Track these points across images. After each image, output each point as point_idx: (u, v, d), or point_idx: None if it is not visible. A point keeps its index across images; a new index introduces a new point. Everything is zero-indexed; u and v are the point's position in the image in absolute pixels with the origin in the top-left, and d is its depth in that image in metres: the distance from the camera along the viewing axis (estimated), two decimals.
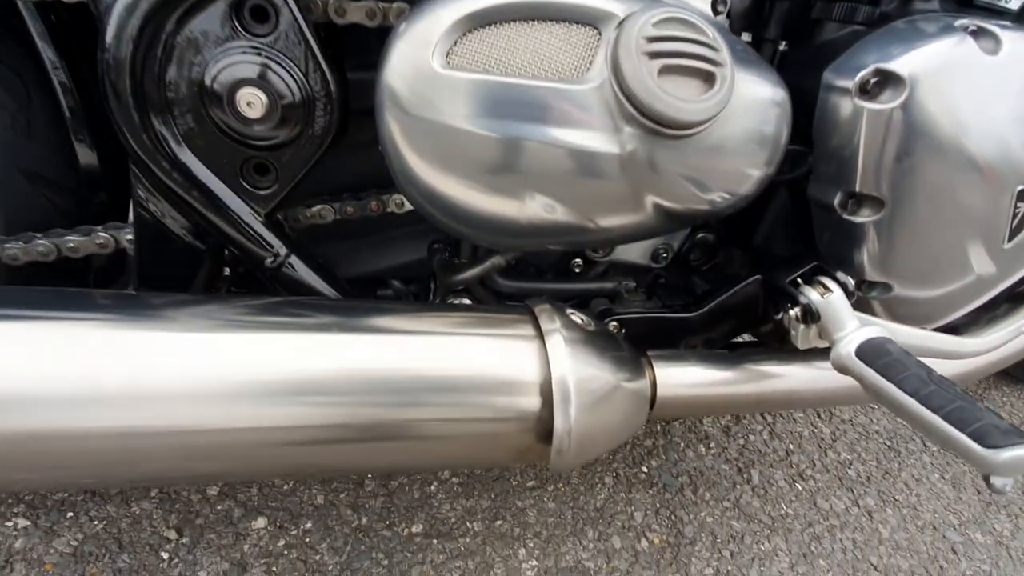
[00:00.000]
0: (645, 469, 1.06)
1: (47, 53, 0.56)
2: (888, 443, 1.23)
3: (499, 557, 0.89)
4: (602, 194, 0.52)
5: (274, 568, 0.83)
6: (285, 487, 0.95)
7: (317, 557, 0.85)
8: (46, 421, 0.41)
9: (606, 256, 0.71)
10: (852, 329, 0.59)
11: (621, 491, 1.02)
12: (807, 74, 0.63)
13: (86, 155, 0.61)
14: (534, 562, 0.89)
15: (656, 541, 0.95)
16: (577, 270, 0.73)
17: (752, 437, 1.17)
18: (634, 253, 0.73)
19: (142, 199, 0.52)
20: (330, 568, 0.84)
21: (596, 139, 0.49)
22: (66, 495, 0.88)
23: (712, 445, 1.14)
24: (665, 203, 0.55)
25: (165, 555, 0.83)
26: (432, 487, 0.98)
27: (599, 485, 1.02)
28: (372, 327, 0.47)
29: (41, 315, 0.42)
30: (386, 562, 0.86)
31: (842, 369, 0.59)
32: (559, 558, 0.90)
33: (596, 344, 0.50)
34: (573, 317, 0.51)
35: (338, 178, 0.62)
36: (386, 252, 0.71)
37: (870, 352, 0.57)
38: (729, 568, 0.94)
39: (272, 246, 0.54)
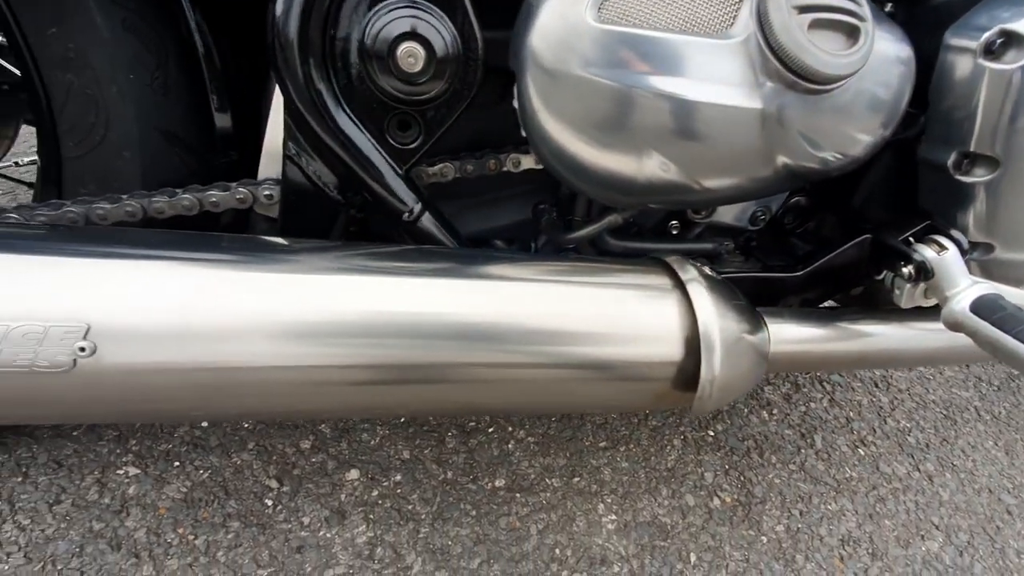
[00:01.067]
0: (712, 433, 1.10)
1: (191, 13, 0.58)
2: (944, 412, 1.25)
3: (580, 511, 0.93)
4: (734, 151, 0.54)
5: (371, 516, 0.88)
6: (372, 442, 0.99)
7: (409, 507, 0.90)
8: (226, 356, 0.44)
9: (706, 217, 0.73)
10: (966, 286, 0.60)
11: (690, 453, 1.05)
12: (922, 35, 0.64)
13: (221, 114, 0.63)
14: (613, 516, 0.93)
15: (728, 500, 0.98)
16: (674, 231, 0.75)
17: (813, 404, 1.20)
18: (733, 215, 0.74)
19: (293, 153, 0.54)
20: (423, 517, 0.88)
21: (737, 94, 0.51)
22: (170, 446, 0.93)
23: (775, 411, 1.17)
24: (791, 161, 0.57)
25: (269, 502, 0.88)
26: (510, 445, 1.01)
27: (668, 447, 1.05)
28: (519, 276, 0.49)
29: (217, 258, 0.45)
30: (474, 513, 0.90)
31: (954, 325, 0.61)
32: (636, 513, 0.94)
33: (728, 295, 0.52)
34: (705, 269, 0.53)
35: (460, 136, 0.64)
36: (490, 213, 0.73)
37: (985, 307, 0.59)
38: (799, 526, 0.97)
39: (409, 201, 0.57)
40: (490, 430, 1.04)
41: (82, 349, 0.37)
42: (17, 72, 0.73)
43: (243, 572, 0.79)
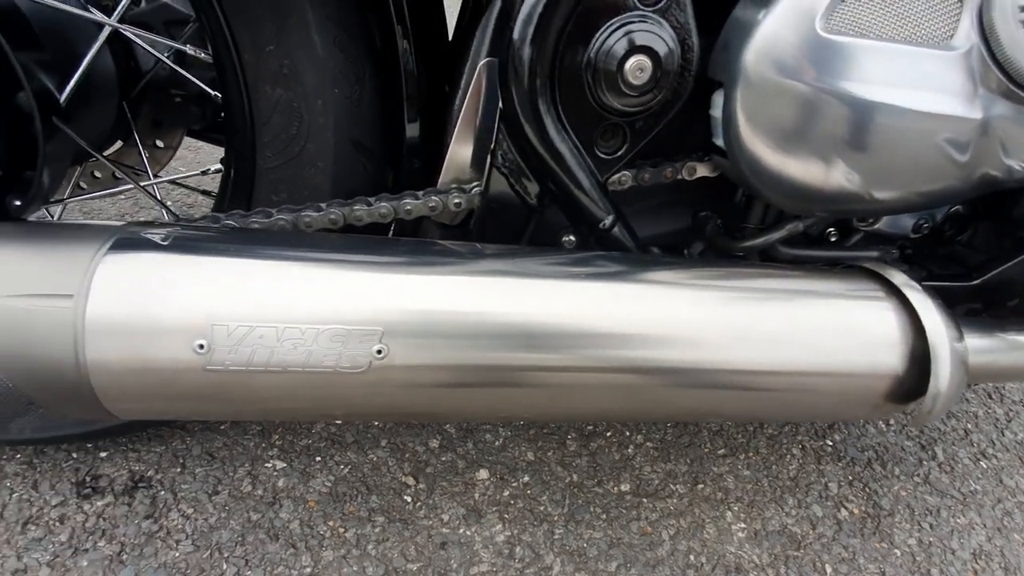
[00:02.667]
0: (830, 442, 1.08)
1: (398, 28, 0.61)
2: None
3: (708, 518, 0.93)
4: (945, 160, 0.54)
5: (505, 515, 0.90)
6: (497, 443, 1.01)
7: (541, 508, 0.91)
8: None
9: (871, 225, 0.72)
10: None
11: (811, 462, 1.04)
12: None
13: (410, 125, 0.66)
14: (742, 524, 0.92)
15: (855, 511, 0.97)
16: (833, 239, 0.75)
17: None
18: (895, 223, 0.74)
19: (500, 163, 0.56)
20: (555, 518, 0.90)
21: (956, 105, 0.51)
22: (310, 441, 0.97)
23: (891, 422, 1.14)
24: (990, 171, 0.56)
25: (408, 498, 0.91)
26: (630, 450, 1.02)
27: (788, 456, 1.05)
28: (733, 284, 0.50)
29: (491, 267, 0.47)
30: (604, 516, 0.91)
31: None
32: (765, 522, 0.93)
33: (943, 305, 0.52)
34: (911, 278, 0.53)
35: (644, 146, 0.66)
36: (646, 221, 0.74)
37: None
38: (931, 539, 0.95)
39: (606, 210, 0.58)
40: (608, 434, 1.05)
41: (379, 352, 0.39)
42: (200, 84, 0.78)
43: (393, 566, 0.82)
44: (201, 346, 0.38)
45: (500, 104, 0.57)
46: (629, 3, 0.51)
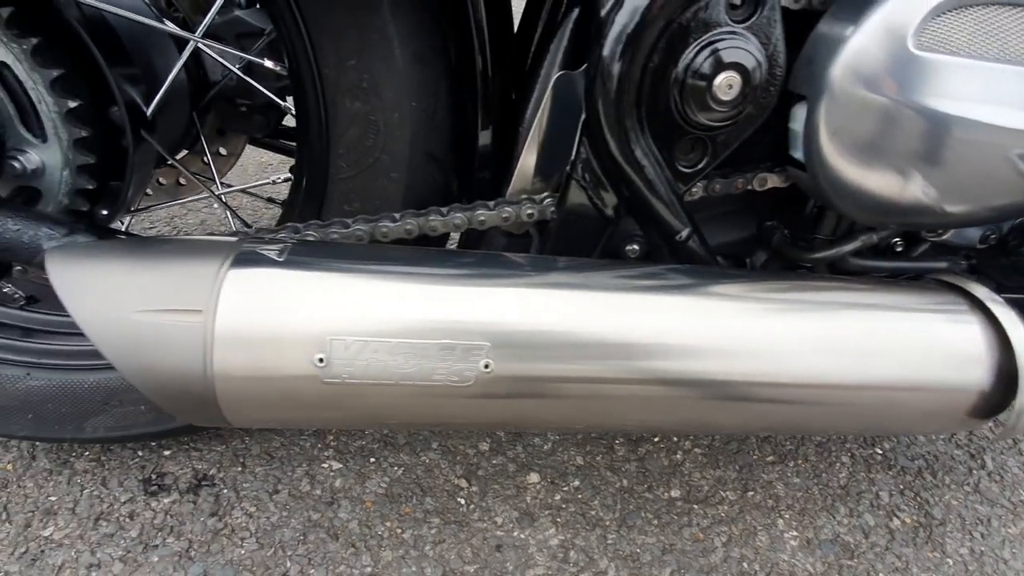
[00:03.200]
0: (879, 451, 1.08)
1: (477, 42, 0.62)
2: None
3: (760, 526, 0.93)
4: (1021, 175, 0.53)
5: (558, 519, 0.91)
6: (545, 447, 1.02)
7: (593, 512, 0.92)
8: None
9: (939, 236, 0.72)
10: None
11: (861, 471, 1.03)
12: None
13: (482, 136, 0.67)
14: (794, 532, 0.93)
15: (907, 520, 0.97)
16: (899, 249, 0.74)
17: None
18: (963, 234, 0.73)
19: (580, 176, 0.57)
20: (607, 523, 0.91)
21: None
22: (364, 442, 0.99)
23: None
24: None
25: (462, 501, 0.92)
26: (678, 456, 1.03)
27: (837, 464, 1.04)
28: (816, 298, 0.51)
29: (589, 281, 0.48)
30: (656, 522, 0.92)
31: None
32: (817, 531, 0.93)
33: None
34: (992, 290, 0.53)
35: None
36: (714, 230, 0.74)
37: None
38: (983, 549, 0.94)
39: (683, 222, 0.59)
40: (656, 439, 1.06)
41: (485, 366, 0.40)
42: (269, 95, 0.80)
43: (451, 567, 0.84)
44: (321, 360, 0.39)
45: (582, 117, 0.58)
46: (720, 20, 0.52)
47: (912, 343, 0.51)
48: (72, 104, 0.55)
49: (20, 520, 0.84)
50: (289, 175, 0.82)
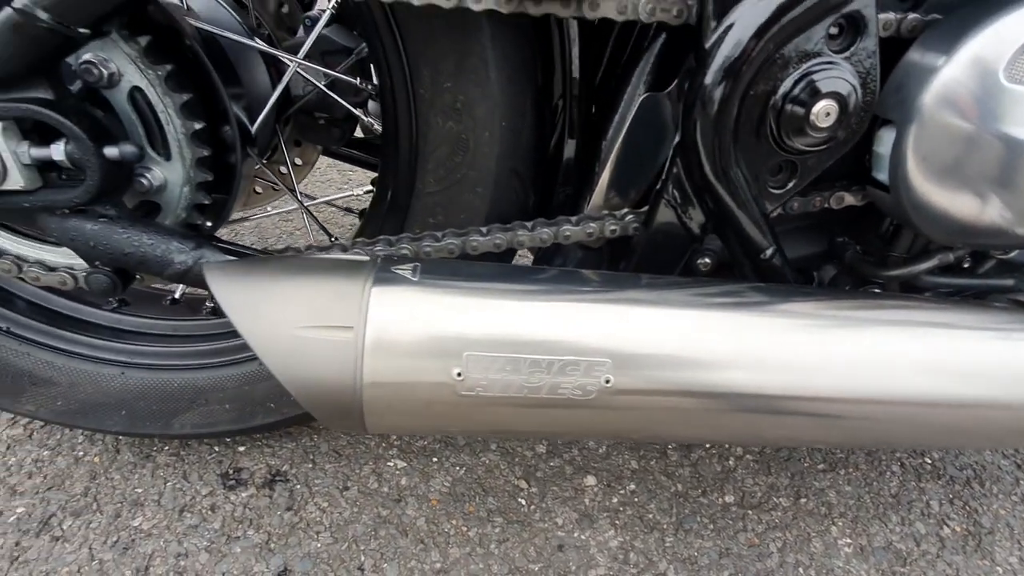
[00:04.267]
0: (929, 460, 1.09)
1: (564, 64, 0.65)
2: None
3: (814, 532, 0.95)
4: None
5: (616, 521, 0.93)
6: (600, 450, 1.05)
7: (650, 516, 0.95)
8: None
9: (1006, 254, 0.73)
10: None
11: (911, 480, 1.05)
12: None
13: (566, 153, 0.70)
14: (848, 540, 0.94)
15: (957, 529, 0.98)
16: (965, 265, 0.76)
17: None
18: None
19: (669, 195, 0.60)
20: (665, 527, 0.93)
21: None
22: (426, 442, 1.03)
23: None
24: None
25: (522, 501, 0.95)
26: (730, 462, 1.05)
27: (888, 473, 1.06)
28: (923, 319, 0.53)
29: (699, 300, 0.50)
30: (712, 526, 0.94)
31: None
32: (870, 538, 0.95)
33: None
34: None
35: None
36: (785, 244, 0.76)
37: None
38: None
39: (768, 241, 0.61)
40: (707, 445, 1.08)
41: (606, 381, 0.43)
42: (353, 111, 0.83)
43: (516, 565, 0.87)
44: (458, 374, 0.42)
45: (671, 137, 0.60)
46: (819, 50, 0.54)
47: (997, 361, 0.53)
48: (197, 126, 0.59)
49: (110, 510, 0.89)
50: (370, 187, 0.85)
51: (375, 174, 0.91)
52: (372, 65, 0.73)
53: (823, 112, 0.53)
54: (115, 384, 0.83)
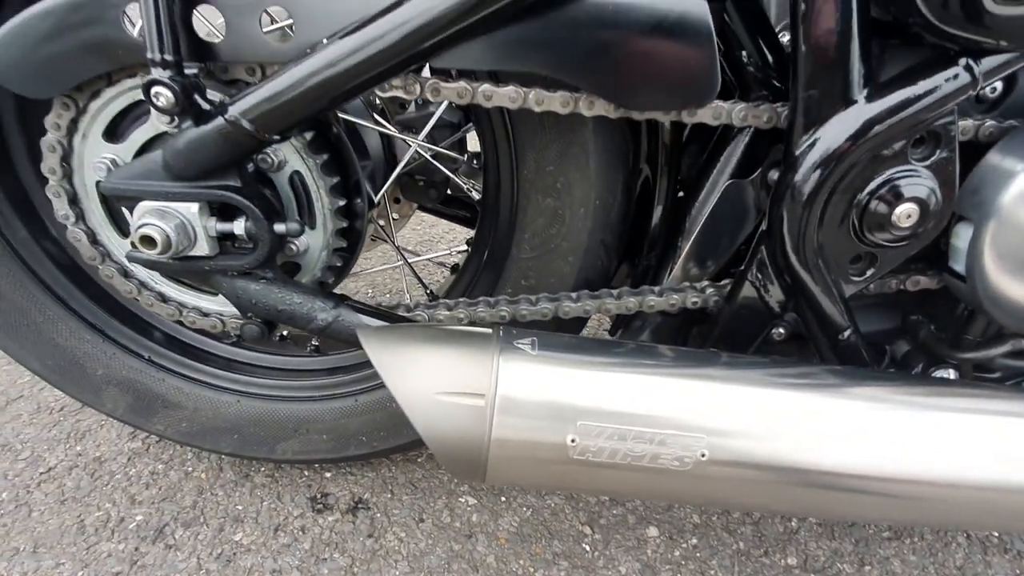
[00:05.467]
0: (995, 534, 1.07)
1: (661, 152, 0.72)
2: None
3: None
4: None
5: (678, 575, 0.96)
6: (662, 502, 1.08)
7: (712, 572, 0.97)
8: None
9: None
10: None
11: (976, 553, 1.03)
12: None
13: (652, 227, 0.77)
14: None
15: None
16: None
17: None
18: None
19: (753, 275, 0.65)
20: None
21: None
22: None
23: None
24: None
25: (587, 547, 0.99)
26: (793, 523, 1.06)
27: (953, 544, 1.04)
28: (994, 408, 0.56)
29: (791, 381, 0.55)
30: None
31: None
32: None
33: None
34: None
35: None
36: (860, 319, 0.79)
37: None
38: None
39: (847, 322, 0.66)
40: None
41: (703, 455, 0.48)
42: (450, 175, 0.93)
43: None
44: (572, 440, 0.49)
45: (753, 221, 0.66)
46: (905, 158, 0.59)
47: None
48: (340, 203, 0.69)
49: (215, 524, 0.98)
50: (466, 247, 0.94)
51: (456, 221, 1.00)
52: (480, 143, 0.82)
53: (904, 214, 0.58)
54: (231, 411, 0.93)
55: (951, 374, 0.75)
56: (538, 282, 0.82)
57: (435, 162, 0.90)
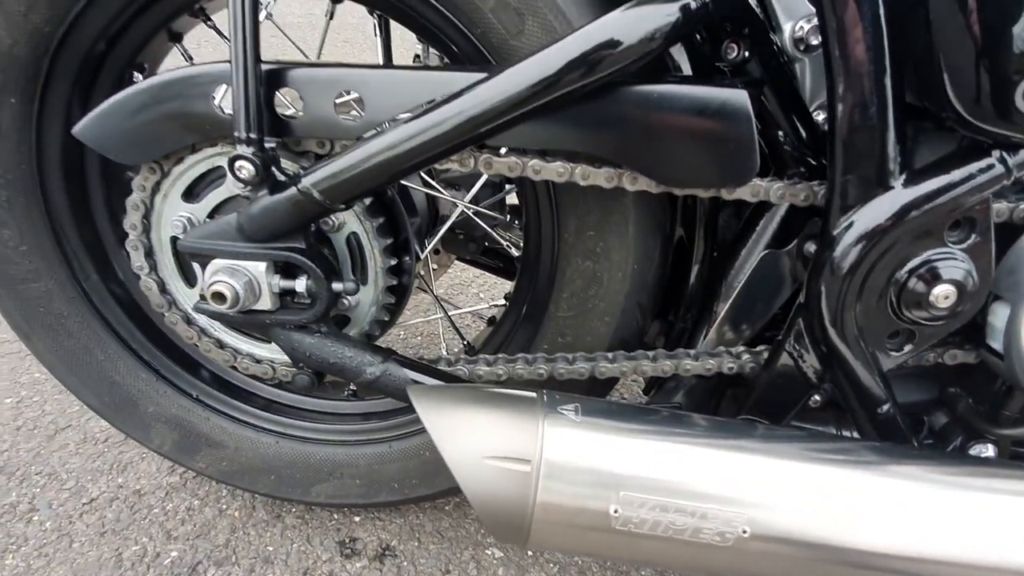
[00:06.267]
0: None
1: (699, 221, 0.76)
2: None
3: None
4: None
5: None
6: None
7: None
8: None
9: None
10: None
11: None
12: None
13: (687, 290, 0.79)
14: None
15: None
16: None
17: None
18: None
19: (791, 346, 0.67)
20: None
21: None
22: None
23: None
24: None
25: None
26: None
27: None
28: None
29: (834, 458, 0.55)
30: None
31: None
32: None
33: None
34: None
35: None
36: (897, 390, 0.79)
37: None
38: None
39: (886, 396, 0.66)
40: None
41: (744, 531, 0.49)
42: (489, 231, 0.98)
43: None
44: (616, 510, 0.50)
45: (798, 295, 0.68)
46: (942, 241, 0.61)
47: None
48: (392, 262, 0.73)
49: (246, 564, 1.00)
50: (504, 301, 0.97)
51: (491, 271, 1.03)
52: (521, 205, 0.86)
53: (942, 295, 0.59)
54: (270, 451, 0.96)
55: (989, 450, 0.74)
56: (575, 340, 0.84)
57: (477, 219, 0.94)
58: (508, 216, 1.00)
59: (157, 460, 1.18)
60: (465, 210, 0.93)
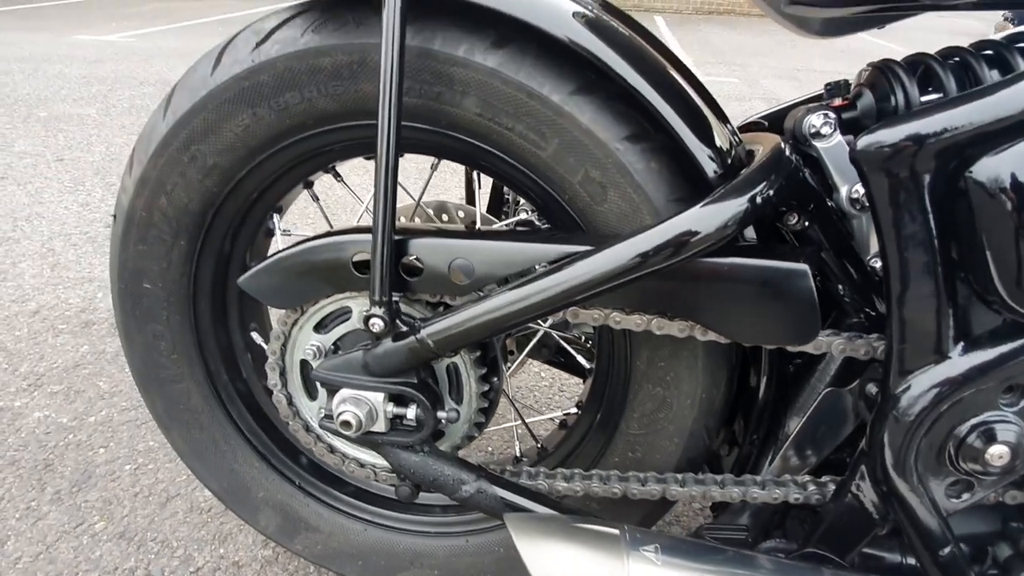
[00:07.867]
0: None
1: (764, 355, 0.83)
2: None
3: None
4: None
5: None
6: None
7: None
8: None
9: None
10: None
11: None
12: None
13: (758, 412, 0.86)
14: None
15: None
16: None
17: None
18: None
19: (854, 484, 0.72)
20: None
21: None
22: None
23: None
24: None
25: None
26: None
27: None
28: None
29: None
30: None
31: None
32: None
33: None
34: None
35: None
36: (959, 523, 0.82)
37: None
38: None
39: (947, 538, 0.70)
40: None
41: None
42: (578, 358, 1.08)
43: None
44: None
45: (861, 438, 0.73)
46: (996, 404, 0.66)
47: None
48: (485, 387, 0.84)
49: None
50: (575, 409, 1.05)
51: (561, 369, 1.10)
52: (595, 334, 0.95)
53: (996, 455, 0.63)
54: (359, 538, 1.06)
55: None
56: (644, 456, 0.91)
57: (552, 332, 1.04)
58: (584, 337, 1.10)
59: (253, 532, 1.30)
60: (547, 330, 1.03)
